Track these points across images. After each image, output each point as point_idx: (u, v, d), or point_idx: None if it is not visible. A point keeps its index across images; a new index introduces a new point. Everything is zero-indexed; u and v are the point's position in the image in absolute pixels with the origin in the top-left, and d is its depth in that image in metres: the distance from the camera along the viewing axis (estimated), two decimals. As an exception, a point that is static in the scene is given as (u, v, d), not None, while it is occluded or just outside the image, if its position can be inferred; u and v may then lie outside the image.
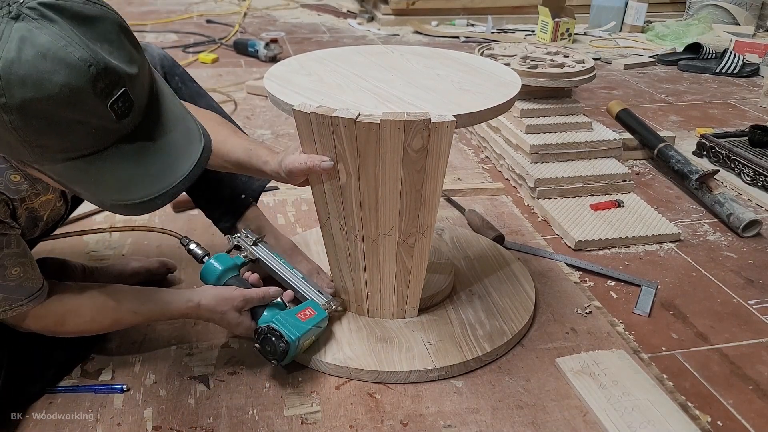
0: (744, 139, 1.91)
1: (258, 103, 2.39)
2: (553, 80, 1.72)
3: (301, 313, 1.05)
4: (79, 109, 0.67)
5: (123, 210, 0.75)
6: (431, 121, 0.93)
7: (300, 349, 1.03)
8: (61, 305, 0.95)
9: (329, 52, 1.24)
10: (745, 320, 1.25)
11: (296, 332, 1.01)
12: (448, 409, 1.01)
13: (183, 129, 0.78)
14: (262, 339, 1.01)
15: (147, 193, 0.74)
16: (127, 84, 0.70)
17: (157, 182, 0.74)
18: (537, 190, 1.65)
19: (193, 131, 0.79)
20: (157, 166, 0.74)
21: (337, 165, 0.99)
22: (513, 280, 1.30)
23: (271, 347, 1.00)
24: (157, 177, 0.74)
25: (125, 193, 0.74)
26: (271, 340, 1.00)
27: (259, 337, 1.02)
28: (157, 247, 1.43)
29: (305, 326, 1.03)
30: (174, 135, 0.76)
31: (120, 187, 0.73)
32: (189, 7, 3.96)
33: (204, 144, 0.78)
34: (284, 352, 1.00)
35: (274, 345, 1.00)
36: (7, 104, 0.65)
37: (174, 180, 0.75)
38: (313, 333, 1.06)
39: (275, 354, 1.00)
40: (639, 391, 1.03)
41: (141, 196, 0.74)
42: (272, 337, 1.00)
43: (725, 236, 1.55)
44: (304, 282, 1.14)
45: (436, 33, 3.52)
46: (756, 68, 2.89)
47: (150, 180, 0.74)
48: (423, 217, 1.04)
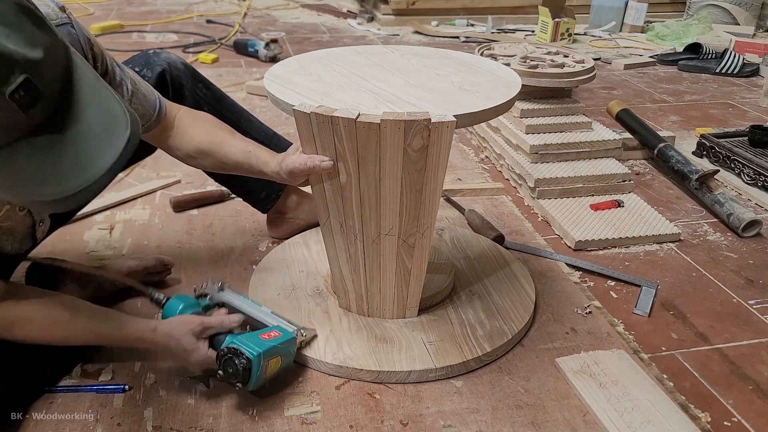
0: (744, 139, 1.91)
1: (258, 103, 2.39)
2: (553, 80, 1.72)
3: (265, 335, 0.99)
4: None
5: (43, 207, 0.71)
6: (431, 121, 0.93)
7: (266, 370, 0.96)
8: (13, 310, 0.91)
9: (329, 52, 1.24)
10: (745, 320, 1.25)
11: (258, 348, 0.94)
12: (448, 409, 1.01)
13: (104, 118, 0.71)
14: (224, 362, 0.94)
15: (65, 188, 0.68)
16: (29, 71, 0.63)
17: (76, 176, 0.68)
18: (537, 190, 1.65)
19: (118, 118, 0.71)
20: (73, 159, 0.68)
21: (337, 165, 0.99)
22: (513, 280, 1.30)
23: (232, 368, 0.93)
24: (74, 171, 0.68)
25: (42, 188, 0.68)
26: (232, 361, 0.93)
27: (220, 361, 0.95)
28: (157, 246, 1.43)
29: (269, 344, 0.97)
30: (92, 125, 0.70)
31: (36, 182, 0.67)
32: (189, 7, 3.96)
33: (130, 131, 0.70)
34: (246, 370, 0.93)
35: (235, 365, 0.93)
36: None
37: (95, 174, 0.68)
38: (280, 353, 0.99)
39: (237, 375, 0.93)
40: (639, 391, 1.03)
41: (59, 192, 0.68)
42: (232, 356, 0.93)
43: (725, 236, 1.55)
44: (273, 316, 1.08)
45: (436, 33, 3.52)
46: (756, 68, 2.89)
47: (67, 175, 0.68)
48: (423, 217, 1.04)
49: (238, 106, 1.37)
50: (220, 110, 1.28)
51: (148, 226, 1.52)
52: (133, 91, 1.02)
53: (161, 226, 1.52)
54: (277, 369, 0.99)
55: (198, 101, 1.27)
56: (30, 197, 0.69)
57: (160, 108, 1.07)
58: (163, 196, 1.66)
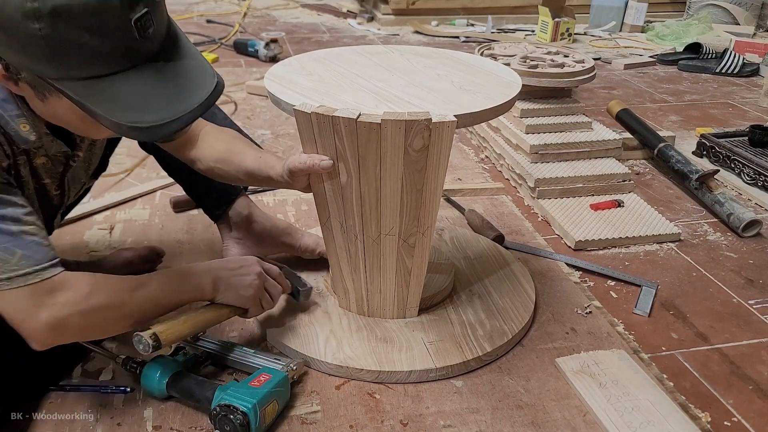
0: (744, 139, 1.91)
1: (258, 103, 2.39)
2: (553, 80, 1.72)
3: (255, 381, 0.95)
4: (104, 20, 0.69)
5: (139, 133, 0.76)
6: (432, 121, 0.93)
7: (264, 419, 0.93)
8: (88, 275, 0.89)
9: (329, 51, 1.24)
10: (745, 320, 1.25)
11: (251, 399, 0.91)
12: (448, 409, 1.01)
13: (198, 63, 0.80)
14: (219, 421, 0.91)
15: (163, 116, 0.75)
16: (149, 6, 0.72)
17: (174, 106, 0.75)
18: (537, 190, 1.65)
19: (206, 68, 0.80)
20: (174, 90, 0.76)
21: (338, 165, 0.99)
22: (513, 279, 1.30)
23: (229, 425, 0.90)
24: (174, 100, 0.76)
25: (142, 114, 0.74)
26: (227, 418, 0.89)
27: (214, 421, 0.91)
28: (158, 244, 1.43)
29: (261, 391, 0.93)
30: (188, 67, 0.79)
31: (138, 107, 0.74)
32: (189, 7, 3.95)
33: (217, 80, 0.80)
34: (244, 425, 0.90)
35: (231, 421, 0.89)
36: (39, 10, 0.67)
37: (190, 106, 0.76)
38: (275, 397, 0.95)
39: (237, 430, 0.89)
40: (639, 391, 1.03)
41: (157, 119, 0.74)
42: (226, 413, 0.90)
43: (725, 236, 1.55)
44: (255, 355, 1.06)
45: (436, 33, 3.52)
46: (756, 68, 2.89)
47: (167, 102, 0.75)
48: (423, 217, 1.04)
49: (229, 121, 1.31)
50: None
51: (148, 226, 1.52)
52: None
53: (161, 226, 1.52)
54: (275, 414, 0.96)
55: None
56: (129, 121, 0.74)
57: None
58: (163, 196, 1.66)
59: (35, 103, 0.80)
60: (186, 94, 0.77)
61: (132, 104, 0.74)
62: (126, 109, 0.74)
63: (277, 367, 1.01)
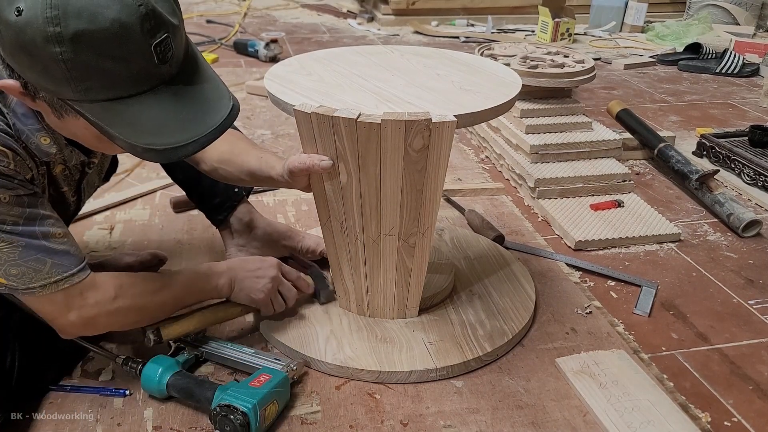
0: (744, 139, 1.91)
1: (258, 103, 2.39)
2: (553, 80, 1.72)
3: (255, 381, 0.96)
4: (125, 46, 0.70)
5: (154, 155, 0.76)
6: (432, 121, 0.93)
7: (264, 419, 0.93)
8: (115, 276, 0.94)
9: (329, 52, 1.24)
10: (745, 320, 1.25)
11: (251, 399, 0.91)
12: (448, 409, 1.01)
13: (214, 86, 0.81)
14: (219, 422, 0.90)
15: (179, 139, 0.76)
16: (170, 31, 0.73)
17: (190, 129, 0.76)
18: (537, 190, 1.65)
19: (223, 91, 0.82)
20: (190, 113, 0.77)
21: (338, 165, 0.99)
22: (513, 280, 1.30)
23: (230, 426, 0.89)
24: (190, 123, 0.77)
25: (158, 137, 0.75)
26: (228, 418, 0.89)
27: (214, 421, 0.91)
28: (157, 246, 1.43)
29: (261, 391, 0.93)
30: (205, 90, 0.80)
31: (154, 130, 0.75)
32: (189, 7, 3.95)
33: (233, 103, 0.81)
34: (244, 426, 0.90)
35: (231, 422, 0.89)
36: (61, 34, 0.68)
37: (205, 129, 0.77)
38: (274, 398, 0.95)
39: (237, 430, 0.89)
40: (639, 391, 1.03)
41: (173, 142, 0.75)
42: (226, 414, 0.90)
43: (725, 236, 1.55)
44: (255, 355, 1.05)
45: (436, 33, 3.52)
46: (756, 68, 2.89)
47: (183, 125, 0.76)
48: (424, 217, 1.04)
49: None
50: None
51: (148, 226, 1.52)
52: None
53: (161, 226, 1.52)
54: (275, 414, 0.96)
55: None
56: (145, 143, 0.75)
57: None
58: (163, 196, 1.66)
59: (51, 119, 0.81)
60: (202, 117, 0.78)
61: (149, 127, 0.75)
62: (142, 132, 0.75)
63: (277, 368, 1.01)
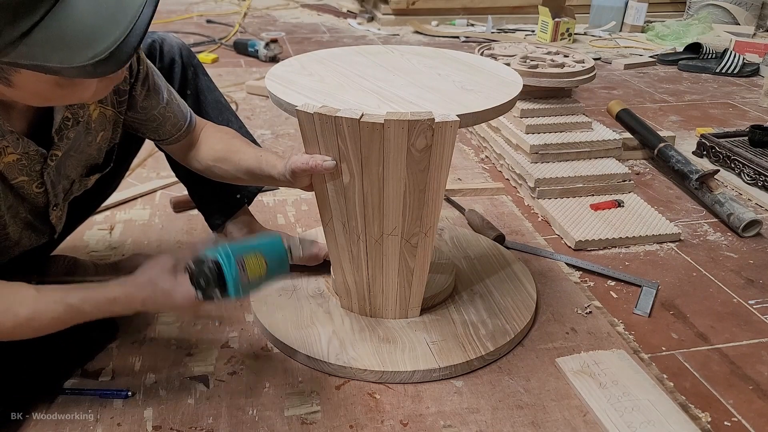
0: (744, 139, 1.91)
1: (258, 103, 2.39)
2: (553, 80, 1.72)
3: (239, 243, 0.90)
4: None
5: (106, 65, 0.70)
6: (435, 121, 0.93)
7: (245, 269, 0.86)
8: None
9: (330, 52, 1.24)
10: (745, 320, 1.25)
11: (227, 248, 0.85)
12: (448, 409, 1.01)
13: None
14: (196, 277, 0.84)
15: (117, 35, 0.69)
16: None
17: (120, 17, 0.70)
18: (537, 190, 1.65)
19: None
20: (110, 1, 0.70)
21: (341, 165, 0.99)
22: (514, 279, 1.30)
23: (204, 278, 0.84)
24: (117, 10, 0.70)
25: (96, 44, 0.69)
26: (202, 271, 0.84)
27: (193, 280, 0.85)
28: (157, 246, 1.43)
29: (242, 245, 0.87)
30: None
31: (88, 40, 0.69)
32: (189, 7, 3.95)
33: None
34: (218, 274, 0.84)
35: (205, 273, 0.84)
36: None
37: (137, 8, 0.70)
38: (259, 250, 0.88)
39: (211, 282, 0.84)
40: (639, 391, 1.03)
41: (112, 41, 0.69)
42: (199, 266, 0.84)
43: (725, 236, 1.55)
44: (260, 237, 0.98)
45: (436, 33, 3.52)
46: (756, 68, 2.89)
47: (113, 17, 0.69)
48: (426, 216, 1.04)
49: (223, 102, 1.30)
50: (200, 102, 1.26)
51: (148, 226, 1.52)
52: (168, 99, 1.06)
53: (161, 226, 1.52)
54: (264, 270, 0.88)
55: (186, 83, 1.25)
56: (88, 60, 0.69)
57: (191, 120, 1.11)
58: (163, 196, 1.66)
59: (8, 92, 0.77)
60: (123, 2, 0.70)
61: (81, 40, 0.69)
62: (78, 48, 0.69)
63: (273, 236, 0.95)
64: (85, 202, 1.13)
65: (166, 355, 1.10)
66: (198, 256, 0.86)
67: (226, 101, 1.29)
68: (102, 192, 1.22)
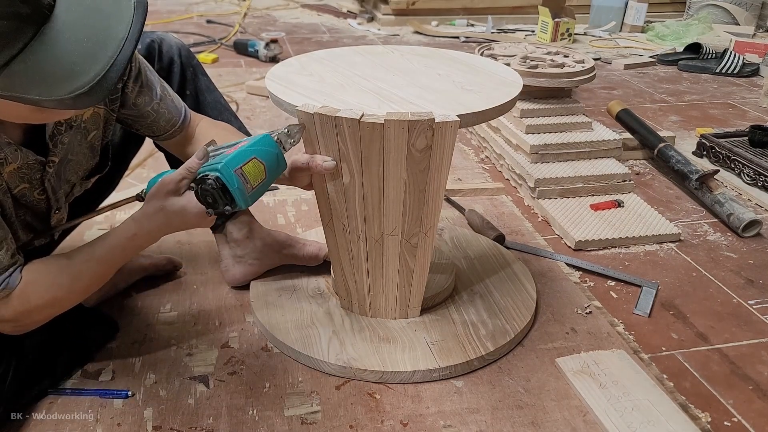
0: (744, 139, 1.91)
1: (258, 103, 2.39)
2: (553, 80, 1.72)
3: (230, 149, 0.90)
4: None
5: (86, 99, 0.69)
6: (435, 121, 0.93)
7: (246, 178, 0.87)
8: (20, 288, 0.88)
9: (330, 52, 1.24)
10: (745, 320, 1.25)
11: (220, 161, 0.86)
12: (448, 409, 1.01)
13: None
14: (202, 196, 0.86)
15: (97, 70, 0.68)
16: None
17: (100, 53, 0.69)
18: (537, 190, 1.65)
19: None
20: (92, 36, 0.69)
21: (341, 165, 0.99)
22: (514, 279, 1.30)
23: (210, 196, 0.86)
24: (97, 47, 0.69)
25: (76, 78, 0.68)
26: (206, 190, 0.85)
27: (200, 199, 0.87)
28: (157, 246, 1.42)
29: (232, 153, 0.87)
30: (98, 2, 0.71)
31: (67, 74, 0.68)
32: (189, 7, 3.95)
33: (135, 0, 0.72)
34: (222, 189, 0.85)
35: (210, 192, 0.85)
36: None
37: (117, 42, 0.69)
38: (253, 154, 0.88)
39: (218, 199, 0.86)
40: (639, 391, 1.03)
41: (93, 76, 0.68)
42: (202, 185, 0.86)
43: (725, 236, 1.55)
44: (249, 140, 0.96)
45: (436, 33, 3.52)
46: (756, 68, 2.89)
47: (92, 53, 0.69)
48: (426, 216, 1.04)
49: (223, 102, 1.29)
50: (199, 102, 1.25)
51: (149, 226, 1.52)
52: (161, 95, 1.05)
53: (162, 226, 1.52)
54: (263, 173, 0.90)
55: (185, 83, 1.24)
56: (68, 93, 0.68)
57: (185, 116, 1.10)
58: (163, 195, 1.66)
59: None
60: (106, 33, 0.69)
61: (59, 73, 0.68)
62: (57, 83, 0.68)
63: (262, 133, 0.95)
64: (84, 201, 1.13)
65: (166, 355, 1.10)
66: (199, 175, 0.87)
67: (226, 101, 1.29)
68: (101, 191, 1.22)
